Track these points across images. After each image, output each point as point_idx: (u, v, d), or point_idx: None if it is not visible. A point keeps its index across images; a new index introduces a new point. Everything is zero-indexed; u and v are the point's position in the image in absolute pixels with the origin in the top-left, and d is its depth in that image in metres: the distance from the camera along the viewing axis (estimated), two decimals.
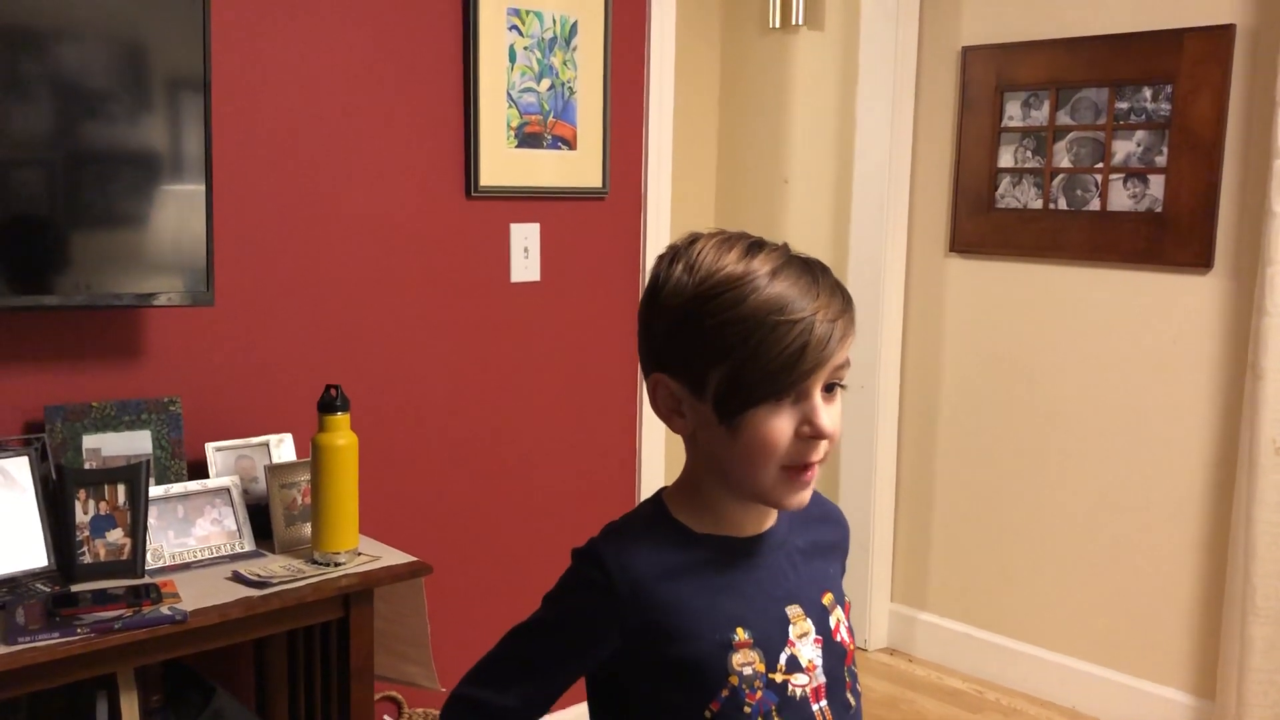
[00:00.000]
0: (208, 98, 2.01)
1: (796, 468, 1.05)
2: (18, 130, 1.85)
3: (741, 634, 1.07)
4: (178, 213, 2.01)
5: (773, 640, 1.08)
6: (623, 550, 1.07)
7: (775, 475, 1.05)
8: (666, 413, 1.09)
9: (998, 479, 3.34)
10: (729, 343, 1.01)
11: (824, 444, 1.04)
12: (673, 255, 1.07)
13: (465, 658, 1.18)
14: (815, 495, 1.19)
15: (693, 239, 1.08)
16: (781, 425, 1.02)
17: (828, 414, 1.04)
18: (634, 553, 1.07)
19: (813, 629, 1.11)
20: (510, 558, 2.75)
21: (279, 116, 2.28)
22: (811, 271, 1.05)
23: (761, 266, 1.02)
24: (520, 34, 2.59)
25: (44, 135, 1.88)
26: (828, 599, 1.14)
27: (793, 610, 1.11)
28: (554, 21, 2.65)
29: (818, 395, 1.03)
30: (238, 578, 1.92)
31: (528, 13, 2.60)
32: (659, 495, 1.14)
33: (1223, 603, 2.88)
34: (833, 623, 1.14)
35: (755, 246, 1.05)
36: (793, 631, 1.10)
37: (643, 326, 1.10)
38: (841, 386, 1.06)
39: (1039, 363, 3.23)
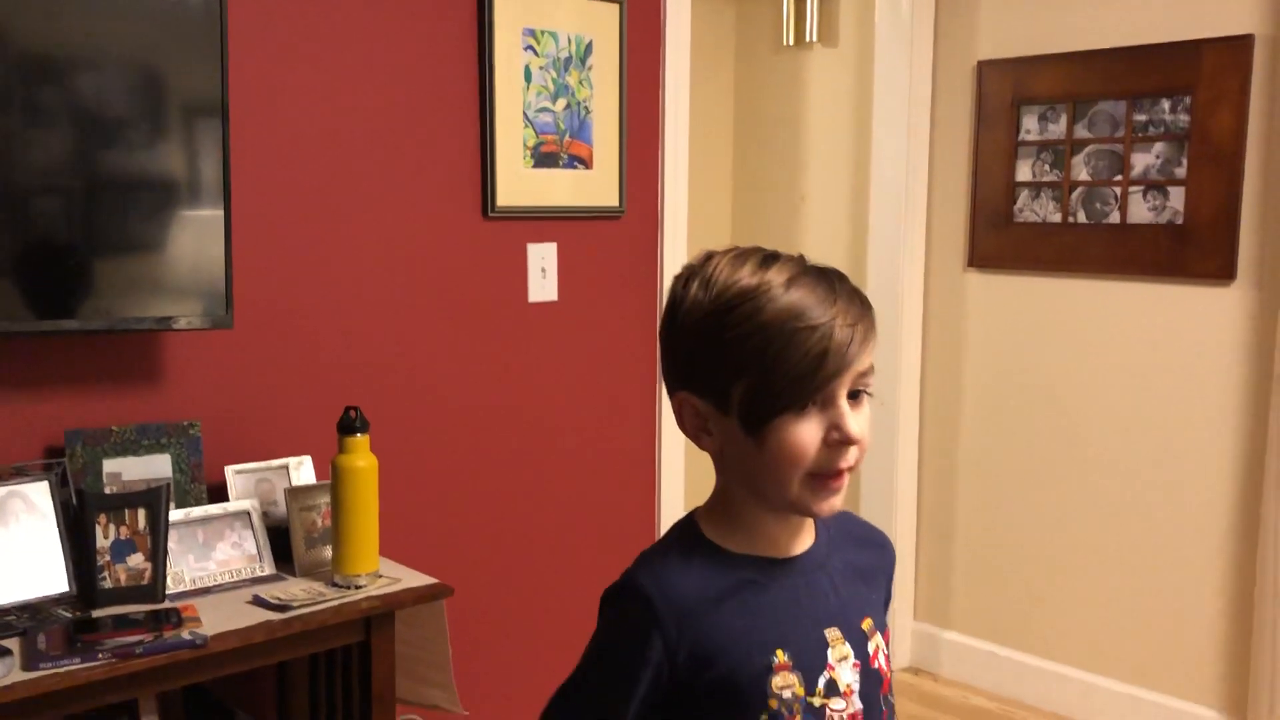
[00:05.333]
0: (225, 122, 2.02)
1: (825, 475, 1.03)
2: (39, 157, 1.86)
3: (781, 656, 1.05)
4: (197, 237, 2.01)
5: (812, 663, 1.06)
6: (661, 577, 1.06)
7: (803, 482, 1.03)
8: (694, 431, 1.08)
9: (1020, 494, 3.32)
10: (749, 354, 1.01)
11: (853, 450, 1.03)
12: (688, 274, 1.07)
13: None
14: (858, 519, 1.18)
15: (707, 257, 1.07)
16: (808, 432, 1.01)
17: (855, 420, 1.03)
18: (673, 578, 1.05)
19: (851, 653, 1.09)
20: (531, 578, 2.74)
21: (296, 139, 2.28)
22: (828, 279, 1.04)
23: (777, 277, 1.02)
24: (536, 54, 2.59)
25: (64, 162, 1.88)
26: (867, 624, 1.12)
27: (832, 633, 1.09)
28: (569, 41, 2.65)
29: (843, 401, 1.02)
30: (258, 601, 1.91)
31: (543, 32, 2.60)
32: (691, 517, 1.12)
33: (1253, 618, 2.85)
34: (871, 648, 1.11)
35: (770, 259, 1.05)
36: (831, 655, 1.08)
37: (664, 348, 1.10)
38: (868, 394, 1.05)
39: (1060, 377, 3.20)
